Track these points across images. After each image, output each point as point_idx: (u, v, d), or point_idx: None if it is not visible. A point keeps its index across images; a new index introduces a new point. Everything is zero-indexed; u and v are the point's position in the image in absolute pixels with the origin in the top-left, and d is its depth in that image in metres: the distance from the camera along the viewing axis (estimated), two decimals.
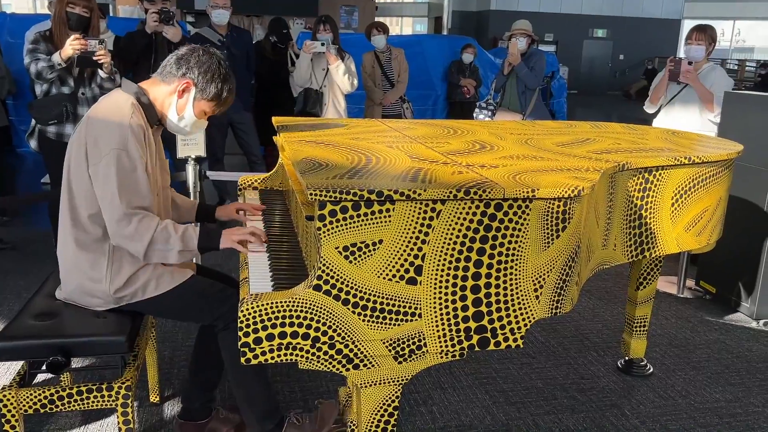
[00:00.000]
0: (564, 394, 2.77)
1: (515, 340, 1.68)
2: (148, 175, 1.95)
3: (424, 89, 8.18)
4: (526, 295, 1.65)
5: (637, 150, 2.29)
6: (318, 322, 1.55)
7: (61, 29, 3.70)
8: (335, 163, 1.79)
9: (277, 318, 1.53)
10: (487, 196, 1.55)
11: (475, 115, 5.68)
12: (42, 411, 1.92)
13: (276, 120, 2.76)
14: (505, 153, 2.09)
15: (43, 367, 1.88)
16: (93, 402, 1.94)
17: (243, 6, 13.39)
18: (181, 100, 2.02)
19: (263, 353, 1.55)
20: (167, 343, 3.09)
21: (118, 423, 1.97)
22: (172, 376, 2.79)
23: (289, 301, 1.53)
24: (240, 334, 1.53)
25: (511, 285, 1.63)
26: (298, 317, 1.54)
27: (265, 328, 1.53)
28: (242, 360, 1.55)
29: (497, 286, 1.62)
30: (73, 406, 1.94)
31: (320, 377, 2.80)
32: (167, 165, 2.21)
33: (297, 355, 1.57)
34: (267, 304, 1.52)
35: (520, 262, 1.62)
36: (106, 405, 1.95)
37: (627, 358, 2.98)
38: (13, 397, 1.88)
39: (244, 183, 2.80)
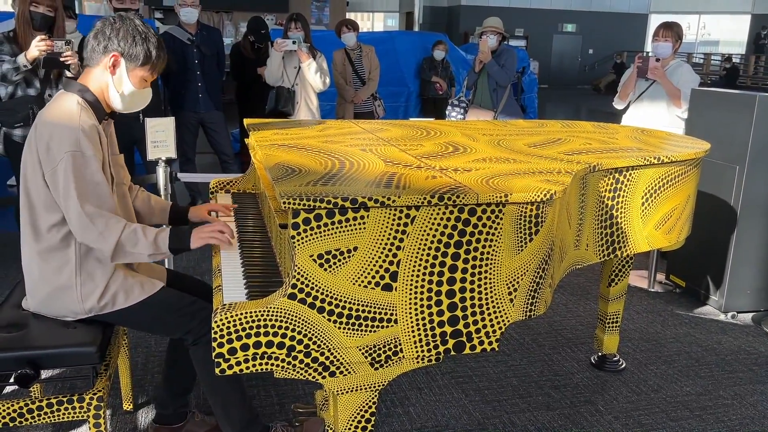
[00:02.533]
0: (539, 391, 2.80)
1: (490, 343, 1.69)
2: (106, 174, 1.91)
3: (396, 86, 8.17)
4: (500, 299, 1.66)
5: (608, 150, 2.31)
6: (294, 330, 1.54)
7: (25, 30, 3.61)
8: (308, 169, 1.78)
9: (251, 328, 1.51)
10: (461, 201, 1.55)
11: (447, 112, 5.70)
12: (11, 425, 1.88)
13: (247, 121, 2.74)
14: (477, 156, 2.10)
15: (11, 381, 1.84)
16: (64, 414, 1.91)
17: (212, 2, 13.24)
18: (114, 76, 1.94)
19: (238, 363, 1.54)
20: (140, 349, 3.05)
21: None
22: (146, 382, 2.75)
23: (264, 311, 1.51)
24: (214, 344, 1.51)
25: (485, 289, 1.64)
26: (273, 326, 1.52)
27: (239, 338, 1.52)
28: (217, 371, 1.54)
29: (472, 291, 1.63)
30: (44, 419, 1.90)
31: (296, 381, 2.79)
32: (122, 160, 2.14)
33: (273, 364, 1.56)
34: (241, 314, 1.51)
35: (494, 266, 1.63)
36: (77, 416, 1.91)
37: (600, 353, 3.02)
38: None
39: (216, 186, 2.77)
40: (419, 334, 1.62)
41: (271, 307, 1.52)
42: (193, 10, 4.88)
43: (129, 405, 2.55)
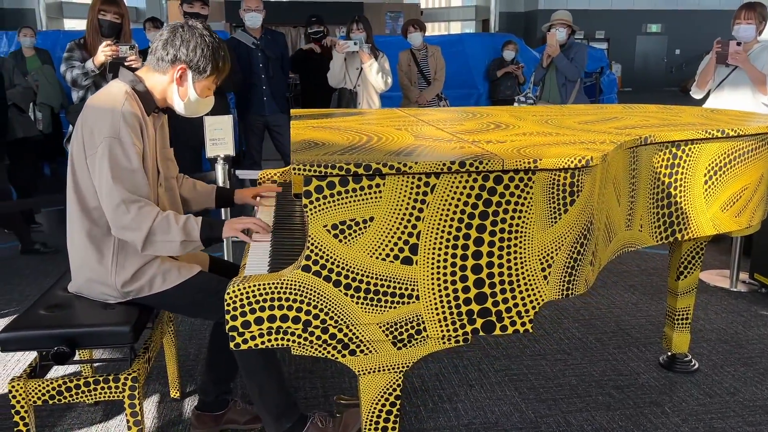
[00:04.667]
0: (599, 391, 2.61)
1: (523, 323, 1.57)
2: (145, 164, 1.92)
3: (466, 88, 8.05)
4: (532, 275, 1.54)
5: (666, 125, 2.13)
6: (308, 304, 1.48)
7: (94, 36, 3.78)
8: (332, 143, 1.72)
9: (265, 300, 1.47)
10: (485, 168, 1.45)
11: None
12: (51, 402, 1.91)
13: (294, 111, 2.72)
14: (519, 131, 1.98)
15: (48, 358, 1.88)
16: (101, 393, 1.92)
17: (286, 16, 13.57)
18: (181, 87, 1.96)
19: (252, 338, 1.49)
20: (194, 340, 3.08)
21: (126, 415, 1.94)
22: (197, 372, 2.77)
23: (277, 283, 1.46)
24: (227, 317, 1.48)
25: (515, 264, 1.52)
26: (287, 299, 1.47)
27: (253, 311, 1.47)
28: (231, 345, 1.50)
29: (500, 266, 1.52)
30: (81, 397, 1.92)
31: (343, 374, 2.73)
32: (171, 154, 2.17)
33: (289, 339, 1.50)
34: (254, 285, 1.46)
35: (524, 240, 1.51)
36: (113, 396, 1.93)
37: (669, 353, 2.79)
38: (22, 388, 1.88)
39: (264, 176, 2.77)
40: (443, 312, 1.52)
41: (285, 280, 1.46)
42: (258, 15, 4.96)
43: (176, 393, 2.57)
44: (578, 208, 1.54)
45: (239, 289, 1.46)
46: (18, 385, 1.88)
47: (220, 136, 3.70)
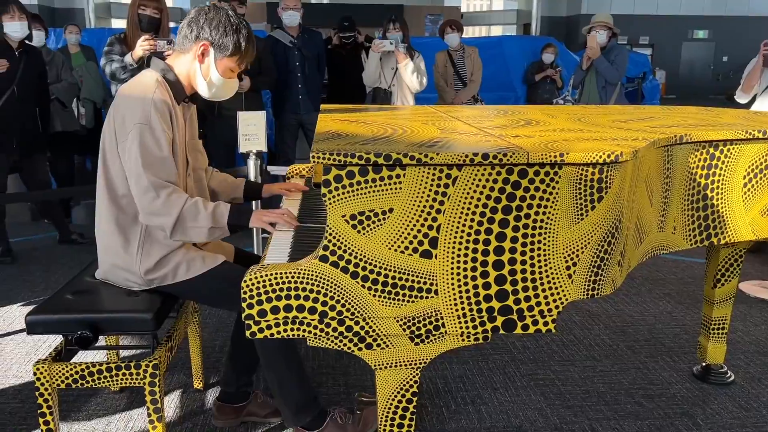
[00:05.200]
0: (629, 399, 2.53)
1: (546, 323, 1.52)
2: (174, 153, 1.93)
3: (503, 91, 7.97)
4: (556, 273, 1.49)
5: (704, 125, 2.06)
6: (325, 295, 1.46)
7: (133, 31, 3.85)
8: (355, 134, 1.70)
9: (281, 290, 1.45)
10: (509, 160, 1.41)
11: None
12: (74, 386, 1.93)
13: (324, 106, 2.72)
14: (549, 127, 1.93)
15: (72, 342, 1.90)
16: (122, 379, 1.94)
17: (325, 18, 13.65)
18: (203, 65, 1.96)
19: (269, 327, 1.48)
20: (220, 332, 3.10)
21: (146, 402, 1.95)
22: (221, 364, 2.78)
23: (294, 272, 1.45)
24: (244, 305, 1.47)
25: (539, 261, 1.48)
26: (304, 289, 1.45)
27: (269, 300, 1.46)
28: (247, 333, 1.49)
29: (523, 263, 1.47)
30: (103, 382, 1.94)
31: (366, 371, 2.70)
32: (200, 145, 2.18)
33: (304, 330, 1.49)
34: (271, 274, 1.45)
35: (549, 236, 1.47)
36: (134, 382, 1.94)
37: (704, 364, 2.69)
38: (46, 370, 1.90)
39: (293, 171, 2.77)
40: (463, 309, 1.49)
41: (302, 269, 1.45)
42: (295, 13, 4.99)
43: (199, 383, 2.58)
44: (606, 205, 1.48)
45: (256, 277, 1.45)
46: (42, 367, 1.90)
47: (253, 132, 3.73)
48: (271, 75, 4.77)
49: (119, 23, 19.45)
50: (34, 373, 1.90)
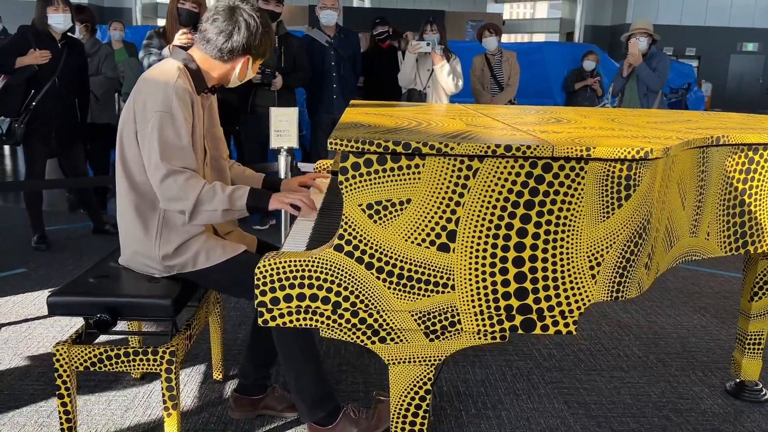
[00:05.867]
0: (656, 413, 2.43)
1: (566, 325, 1.46)
2: (194, 141, 1.93)
3: (542, 97, 7.86)
4: (579, 273, 1.43)
5: (744, 128, 1.97)
6: (339, 285, 1.43)
7: (172, 25, 3.91)
8: (378, 125, 1.68)
9: (295, 278, 1.43)
10: (532, 153, 1.36)
11: None
12: (92, 369, 1.94)
13: (353, 102, 2.70)
14: (580, 125, 1.87)
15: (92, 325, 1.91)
16: (139, 364, 1.94)
17: (366, 22, 13.71)
18: (242, 71, 2.02)
19: (281, 315, 1.46)
20: (243, 325, 3.09)
21: (162, 389, 1.95)
22: (241, 357, 2.78)
23: (308, 260, 1.42)
24: (257, 292, 1.45)
25: (561, 260, 1.42)
26: (318, 279, 1.43)
27: (282, 287, 1.44)
28: (260, 321, 1.47)
29: (545, 260, 1.42)
30: (121, 366, 1.95)
31: (386, 371, 2.66)
32: (221, 133, 2.17)
33: (317, 320, 1.46)
34: (285, 262, 1.43)
35: (572, 234, 1.41)
36: (151, 368, 1.94)
37: (737, 380, 2.58)
38: (66, 352, 1.92)
39: (319, 167, 2.76)
40: (480, 305, 1.44)
41: (316, 258, 1.42)
42: (332, 13, 5.00)
43: (219, 374, 2.58)
44: (634, 203, 1.42)
45: (270, 265, 1.43)
46: (62, 349, 1.92)
47: (284, 128, 3.74)
48: (305, 73, 4.78)
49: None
50: (54, 354, 1.92)
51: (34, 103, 3.98)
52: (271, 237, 4.39)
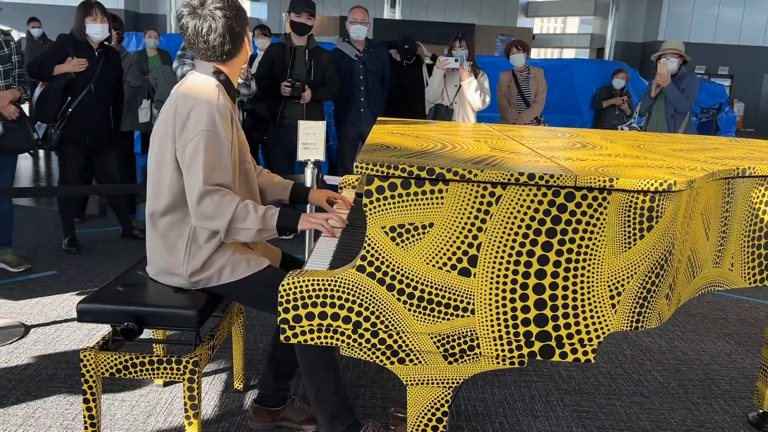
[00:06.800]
0: None
1: (585, 353, 1.47)
2: (233, 155, 1.98)
3: (570, 114, 7.84)
4: (599, 302, 1.44)
5: None
6: (360, 306, 1.46)
7: None
8: (404, 147, 1.70)
9: (318, 296, 1.46)
10: (555, 182, 1.38)
11: None
12: (117, 375, 1.99)
13: (381, 119, 2.73)
14: (605, 152, 1.88)
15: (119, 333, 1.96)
16: (162, 373, 1.99)
17: (397, 35, 13.78)
18: (250, 45, 2.09)
19: (303, 333, 1.49)
20: (266, 336, 3.13)
21: (184, 397, 1.99)
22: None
23: (331, 280, 1.45)
24: (280, 309, 1.48)
25: (581, 288, 1.43)
26: (339, 298, 1.46)
27: (305, 306, 1.47)
28: (281, 337, 1.50)
29: (565, 288, 1.43)
30: (145, 374, 1.99)
31: (405, 387, 2.68)
32: (243, 136, 2.20)
33: (338, 339, 1.49)
34: (309, 280, 1.46)
35: (594, 263, 1.42)
36: (174, 377, 1.98)
37: (761, 411, 2.55)
38: (92, 358, 1.97)
39: (345, 182, 2.79)
40: (499, 331, 1.45)
41: (339, 278, 1.45)
42: (362, 27, 5.06)
43: (240, 384, 2.62)
44: (657, 235, 1.43)
45: (294, 283, 1.46)
46: (89, 355, 1.97)
47: (312, 141, 3.78)
48: (334, 86, 4.84)
49: None
50: (81, 360, 1.97)
51: (70, 110, 4.09)
52: (295, 248, 4.44)
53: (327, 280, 1.45)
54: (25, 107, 4.14)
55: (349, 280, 1.44)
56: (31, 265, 3.97)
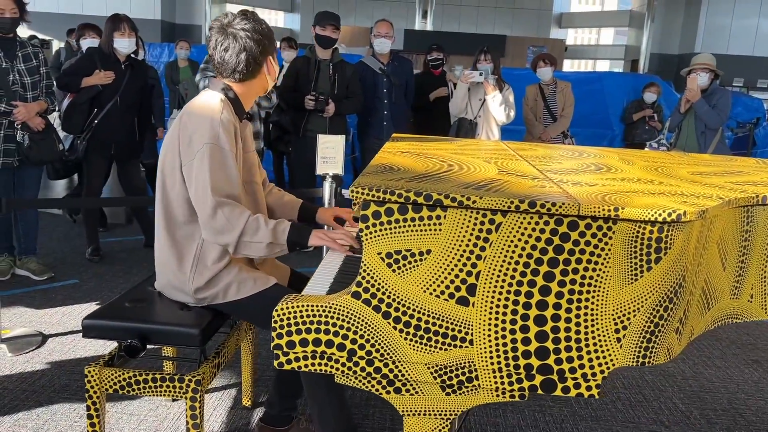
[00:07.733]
0: None
1: (589, 388, 1.41)
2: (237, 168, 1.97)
3: (600, 128, 7.71)
4: (604, 336, 1.38)
5: None
6: (355, 333, 1.42)
7: None
8: (407, 169, 1.67)
9: (312, 323, 1.43)
10: (558, 211, 1.33)
11: None
12: (121, 392, 1.99)
13: (395, 135, 2.70)
14: (618, 176, 1.81)
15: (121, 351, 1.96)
16: (165, 390, 1.97)
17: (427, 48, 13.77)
18: (271, 72, 2.09)
19: (297, 359, 1.46)
20: None
21: (186, 416, 1.98)
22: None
23: (325, 306, 1.42)
24: (273, 334, 1.45)
25: (585, 321, 1.38)
26: (334, 325, 1.42)
27: (299, 332, 1.44)
28: (275, 363, 1.47)
29: (568, 320, 1.38)
30: (148, 392, 1.99)
31: None
32: (255, 158, 2.19)
33: (332, 366, 1.45)
34: (303, 306, 1.43)
35: (598, 294, 1.36)
36: (176, 396, 1.97)
37: None
38: (97, 374, 1.97)
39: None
40: (499, 363, 1.40)
41: (333, 304, 1.42)
42: (386, 41, 5.04)
43: (248, 401, 2.60)
44: (665, 266, 1.36)
45: (288, 308, 1.43)
46: (94, 371, 1.97)
47: (330, 155, 3.78)
48: (358, 100, 4.83)
49: None
50: (86, 376, 1.97)
51: (96, 121, 4.15)
52: (313, 260, 4.42)
53: (321, 306, 1.42)
54: (53, 118, 4.22)
55: (344, 307, 1.41)
56: (54, 274, 4.02)
